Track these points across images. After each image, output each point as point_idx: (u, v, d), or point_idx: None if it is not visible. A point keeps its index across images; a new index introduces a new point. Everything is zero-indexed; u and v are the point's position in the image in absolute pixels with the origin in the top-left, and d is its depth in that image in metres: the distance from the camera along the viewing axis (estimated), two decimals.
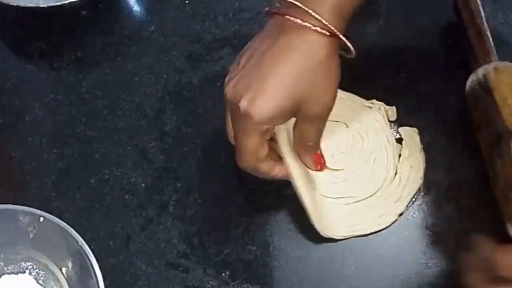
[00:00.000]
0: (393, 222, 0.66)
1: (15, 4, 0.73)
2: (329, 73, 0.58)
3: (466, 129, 0.69)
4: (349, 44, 0.59)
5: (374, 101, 0.70)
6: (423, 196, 0.67)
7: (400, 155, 0.68)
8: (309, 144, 0.63)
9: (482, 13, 0.70)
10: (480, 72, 0.66)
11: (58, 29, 0.78)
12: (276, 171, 0.62)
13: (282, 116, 0.59)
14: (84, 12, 0.78)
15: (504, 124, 0.63)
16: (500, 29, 0.73)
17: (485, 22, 0.70)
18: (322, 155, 0.64)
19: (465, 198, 0.66)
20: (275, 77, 0.57)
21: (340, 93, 0.69)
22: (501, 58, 0.68)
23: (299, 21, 0.57)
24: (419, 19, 0.76)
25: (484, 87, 0.66)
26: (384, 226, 0.66)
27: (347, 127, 0.69)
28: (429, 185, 0.68)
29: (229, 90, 0.59)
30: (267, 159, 0.61)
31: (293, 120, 0.61)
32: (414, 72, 0.72)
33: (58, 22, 0.78)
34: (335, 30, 0.57)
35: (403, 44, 0.75)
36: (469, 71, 0.68)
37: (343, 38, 0.58)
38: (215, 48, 0.76)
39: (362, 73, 0.72)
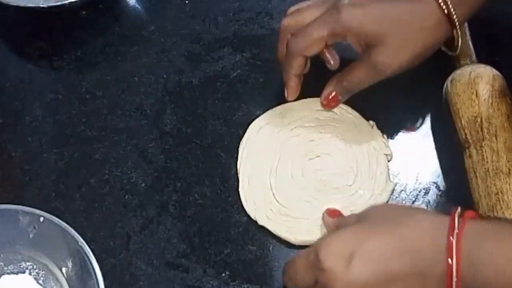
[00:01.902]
0: None
1: (15, 4, 0.74)
2: (415, 37, 0.61)
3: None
4: (456, 34, 0.62)
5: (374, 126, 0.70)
6: (423, 196, 0.67)
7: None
8: (344, 83, 0.65)
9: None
10: (446, 83, 0.67)
11: (58, 29, 0.78)
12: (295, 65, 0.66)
13: (353, 34, 0.62)
14: (84, 12, 0.79)
15: (458, 137, 0.64)
16: None
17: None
18: (336, 100, 0.67)
19: (465, 198, 0.66)
20: (380, 4, 0.61)
21: (351, 111, 0.70)
22: (480, 60, 0.68)
23: None
24: None
25: (445, 99, 0.67)
26: None
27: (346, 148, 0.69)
28: (429, 185, 0.68)
29: None
30: (302, 57, 0.65)
31: None
32: (413, 73, 0.72)
33: (58, 22, 0.78)
34: (453, 13, 0.60)
35: None
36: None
37: (456, 26, 0.61)
38: (215, 48, 0.76)
39: None
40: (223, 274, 0.65)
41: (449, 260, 0.49)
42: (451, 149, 0.68)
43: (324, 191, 0.67)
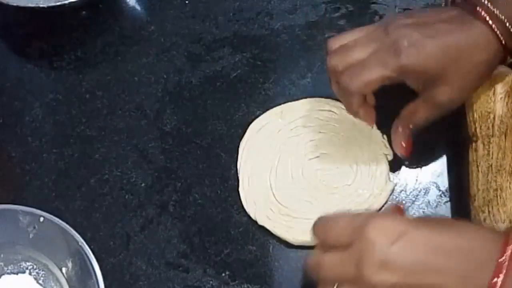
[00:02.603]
0: None
1: (15, 4, 0.73)
2: (477, 75, 0.60)
3: (466, 129, 0.69)
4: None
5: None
6: (423, 196, 0.67)
7: None
8: (411, 126, 0.64)
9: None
10: None
11: (58, 29, 0.78)
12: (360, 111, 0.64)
13: (414, 76, 0.60)
14: (84, 12, 0.78)
15: (467, 130, 0.64)
16: None
17: None
18: (412, 144, 0.65)
19: (465, 198, 0.66)
20: (439, 40, 0.59)
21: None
22: None
23: (487, 17, 0.58)
24: None
25: None
26: None
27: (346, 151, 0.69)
28: (429, 185, 0.68)
29: (395, 27, 0.60)
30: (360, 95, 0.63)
31: None
32: None
33: (58, 22, 0.78)
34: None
35: None
36: None
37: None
38: (215, 48, 0.76)
39: None
40: (223, 274, 0.65)
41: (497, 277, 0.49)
42: (451, 149, 0.68)
43: (324, 191, 0.67)
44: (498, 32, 0.58)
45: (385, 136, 0.70)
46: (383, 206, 0.67)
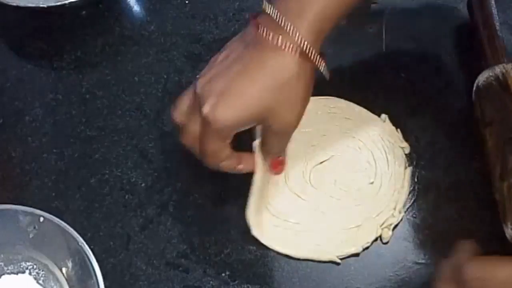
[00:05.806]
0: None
1: (15, 4, 0.73)
2: (295, 92, 0.57)
3: (466, 129, 0.69)
4: (321, 67, 0.58)
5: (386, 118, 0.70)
6: (423, 196, 0.67)
7: None
8: (271, 152, 0.63)
9: (495, 13, 0.70)
10: (497, 69, 0.65)
11: (58, 29, 0.78)
12: (240, 167, 0.62)
13: (241, 126, 0.58)
14: (84, 12, 0.79)
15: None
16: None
17: (497, 22, 0.70)
18: (281, 162, 0.65)
19: (465, 198, 0.66)
20: (240, 88, 0.57)
21: (355, 107, 0.70)
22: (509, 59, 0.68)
23: (273, 40, 0.56)
24: (420, 20, 0.76)
25: (502, 83, 0.65)
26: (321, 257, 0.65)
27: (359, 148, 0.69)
28: (429, 185, 0.68)
29: (198, 86, 0.59)
30: (229, 157, 0.61)
31: None
32: (414, 72, 0.72)
33: (58, 22, 0.78)
34: (310, 50, 0.56)
35: (403, 44, 0.75)
36: (477, 69, 0.68)
37: (317, 60, 0.57)
38: (215, 48, 0.75)
39: (362, 73, 0.72)
40: (223, 274, 0.65)
41: None
42: (452, 149, 0.68)
43: (344, 195, 0.66)
44: (290, 49, 0.56)
45: (398, 130, 0.69)
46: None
